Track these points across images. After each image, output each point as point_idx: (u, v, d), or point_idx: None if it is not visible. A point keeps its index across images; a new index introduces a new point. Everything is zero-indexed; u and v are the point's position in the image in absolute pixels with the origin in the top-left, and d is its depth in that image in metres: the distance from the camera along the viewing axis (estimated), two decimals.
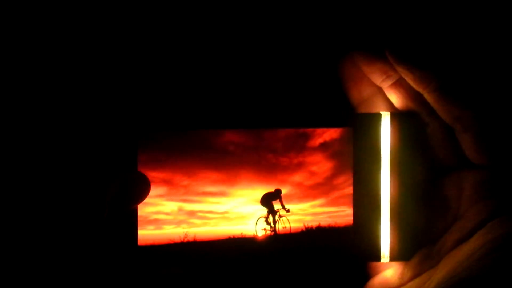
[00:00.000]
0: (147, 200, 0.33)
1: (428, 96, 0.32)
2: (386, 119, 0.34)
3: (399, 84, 0.33)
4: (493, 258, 0.28)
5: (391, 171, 0.34)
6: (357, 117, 0.34)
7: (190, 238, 0.34)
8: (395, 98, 0.33)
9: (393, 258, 0.34)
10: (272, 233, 0.34)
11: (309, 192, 0.34)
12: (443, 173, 0.33)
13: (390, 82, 0.33)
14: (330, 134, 0.34)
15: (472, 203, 0.32)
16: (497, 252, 0.28)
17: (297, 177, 0.34)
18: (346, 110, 0.35)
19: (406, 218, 0.34)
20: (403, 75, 0.32)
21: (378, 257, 0.34)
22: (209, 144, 0.33)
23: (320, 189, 0.34)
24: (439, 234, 0.33)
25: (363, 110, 0.35)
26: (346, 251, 0.34)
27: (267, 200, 0.34)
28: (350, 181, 0.34)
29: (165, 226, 0.33)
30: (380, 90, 0.34)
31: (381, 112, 0.34)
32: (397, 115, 0.34)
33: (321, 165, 0.34)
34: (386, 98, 0.34)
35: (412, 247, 0.34)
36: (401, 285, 0.33)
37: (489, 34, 0.35)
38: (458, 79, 0.31)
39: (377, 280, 0.35)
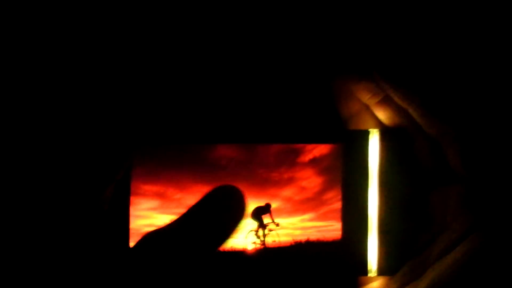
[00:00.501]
0: (139, 213, 0.33)
1: (413, 112, 0.33)
2: (374, 135, 0.35)
3: (385, 101, 0.34)
4: (470, 271, 0.29)
5: (379, 186, 0.35)
6: (346, 134, 0.35)
7: None
8: (382, 115, 0.35)
9: (380, 272, 0.35)
10: (262, 246, 0.35)
11: (298, 206, 0.35)
12: (429, 187, 0.34)
13: (376, 100, 0.34)
14: (320, 150, 0.34)
15: (456, 215, 0.33)
16: (475, 265, 0.29)
17: (287, 191, 0.34)
18: (336, 127, 0.36)
19: (393, 233, 0.34)
20: (388, 93, 0.33)
21: (365, 271, 0.35)
22: (202, 158, 0.34)
23: (310, 203, 0.35)
24: (424, 246, 0.34)
25: (353, 126, 0.36)
26: (334, 265, 0.35)
27: (257, 214, 0.35)
28: (339, 196, 0.35)
29: None
30: (369, 107, 0.35)
31: (369, 130, 0.35)
32: (386, 132, 0.35)
33: (310, 180, 0.35)
34: (374, 115, 0.35)
35: (399, 261, 0.34)
36: None
37: (469, 53, 0.37)
38: (441, 96, 0.32)
39: None
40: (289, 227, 0.35)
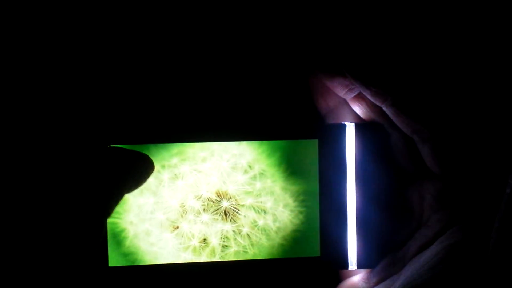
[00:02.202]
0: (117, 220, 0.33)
1: (386, 110, 0.32)
2: (350, 129, 0.34)
3: (361, 97, 0.34)
4: (443, 267, 0.29)
5: (356, 180, 0.34)
6: (322, 128, 0.34)
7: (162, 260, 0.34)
8: (359, 110, 0.34)
9: (360, 265, 0.35)
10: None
11: None
12: (406, 182, 0.34)
13: (352, 95, 0.34)
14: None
15: (433, 211, 0.33)
16: (447, 261, 0.29)
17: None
18: (312, 122, 0.36)
19: (372, 226, 0.34)
20: (361, 91, 0.33)
21: (345, 265, 0.35)
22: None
23: None
24: (403, 241, 0.34)
25: (330, 121, 0.36)
26: (313, 260, 0.35)
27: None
28: None
29: None
30: (345, 101, 0.35)
31: (345, 123, 0.34)
32: (361, 126, 0.34)
33: None
34: (350, 109, 0.35)
35: (378, 254, 0.34)
36: None
37: (439, 52, 0.36)
38: (413, 95, 0.32)
39: (344, 285, 0.35)
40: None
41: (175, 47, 0.36)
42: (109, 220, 0.33)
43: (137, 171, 0.31)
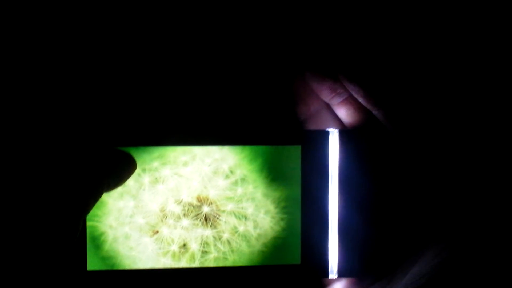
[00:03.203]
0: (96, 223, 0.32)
1: (377, 113, 0.32)
2: (334, 136, 0.34)
3: (349, 101, 0.34)
4: (432, 272, 0.29)
5: (339, 187, 0.34)
6: (305, 134, 0.34)
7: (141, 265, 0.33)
8: (344, 115, 0.34)
9: (341, 274, 0.34)
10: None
11: None
12: (391, 186, 0.34)
13: (339, 99, 0.34)
14: None
15: (418, 220, 0.33)
16: (444, 270, 0.29)
17: None
18: (295, 128, 0.35)
19: (354, 234, 0.34)
20: (353, 93, 0.33)
21: (326, 273, 0.34)
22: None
23: None
24: (392, 245, 0.33)
25: (311, 126, 0.35)
26: (294, 267, 0.34)
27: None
28: None
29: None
30: (328, 107, 0.34)
31: (329, 130, 0.34)
32: (345, 132, 0.34)
33: None
34: (333, 115, 0.35)
35: (360, 263, 0.34)
36: None
37: (432, 59, 0.37)
38: (408, 101, 0.32)
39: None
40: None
41: (157, 52, 0.36)
42: (88, 223, 0.33)
43: (118, 169, 0.31)
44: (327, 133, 0.34)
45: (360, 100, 0.33)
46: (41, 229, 0.27)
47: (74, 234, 0.28)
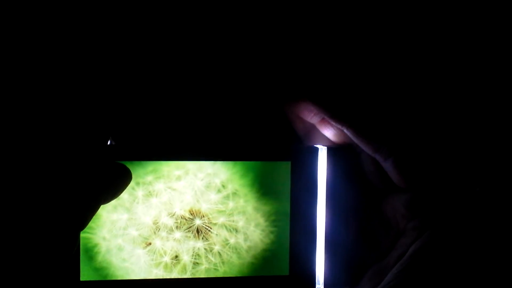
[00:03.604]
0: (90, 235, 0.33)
1: (347, 132, 0.34)
2: (323, 152, 0.35)
3: (327, 121, 0.35)
4: (412, 266, 0.32)
5: (327, 202, 0.35)
6: (295, 151, 0.35)
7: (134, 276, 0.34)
8: (327, 133, 0.36)
9: (327, 285, 0.36)
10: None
11: None
12: (378, 198, 0.36)
13: (318, 119, 0.35)
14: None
15: (407, 220, 0.34)
16: (416, 260, 0.32)
17: None
18: (285, 144, 0.37)
19: (341, 247, 0.35)
20: (324, 116, 0.35)
21: (313, 284, 0.36)
22: None
23: None
24: (385, 251, 0.35)
25: (308, 142, 0.37)
26: (282, 278, 0.35)
27: None
28: None
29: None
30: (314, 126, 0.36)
31: (318, 146, 0.35)
32: (333, 149, 0.35)
33: None
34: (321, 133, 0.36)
35: (346, 275, 0.35)
36: None
37: (391, 69, 0.39)
38: (368, 115, 0.34)
39: None
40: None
41: (152, 68, 0.37)
42: (82, 235, 0.33)
43: (115, 182, 0.32)
44: (316, 149, 0.35)
45: (328, 119, 0.35)
46: (40, 242, 0.27)
47: (72, 248, 0.29)
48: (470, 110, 0.38)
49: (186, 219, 0.34)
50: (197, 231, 0.34)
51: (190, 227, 0.34)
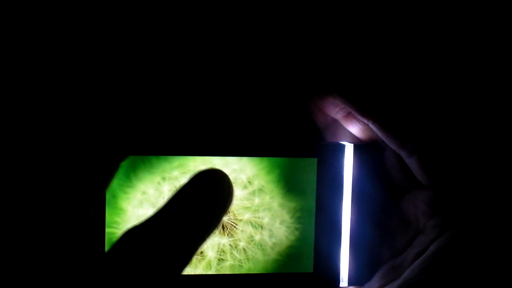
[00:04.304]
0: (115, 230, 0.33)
1: (373, 127, 0.34)
2: (349, 149, 0.35)
3: (352, 116, 0.35)
4: (434, 266, 0.31)
5: (352, 199, 0.35)
6: (321, 147, 0.35)
7: None
8: (352, 128, 0.35)
9: (351, 282, 0.36)
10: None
11: None
12: (401, 193, 0.36)
13: (343, 114, 0.35)
14: None
15: (428, 217, 0.34)
16: (438, 260, 0.31)
17: None
18: (312, 141, 0.36)
19: (365, 245, 0.35)
20: (349, 109, 0.34)
21: (337, 282, 0.36)
22: None
23: None
24: (402, 249, 0.35)
25: (328, 137, 0.37)
26: (306, 275, 0.35)
27: None
28: None
29: None
30: (339, 121, 0.36)
31: (344, 143, 0.35)
32: (359, 146, 0.35)
33: None
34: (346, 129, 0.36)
35: (370, 272, 0.35)
36: None
37: (419, 64, 0.38)
38: (394, 110, 0.34)
39: None
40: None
41: (179, 59, 0.37)
42: (107, 230, 0.33)
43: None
44: (343, 146, 0.35)
45: (355, 114, 0.34)
46: (63, 196, 0.26)
47: (97, 200, 0.27)
48: (500, 108, 0.38)
49: None
50: (223, 227, 0.34)
51: None
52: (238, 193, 0.34)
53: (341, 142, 0.36)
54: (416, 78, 0.38)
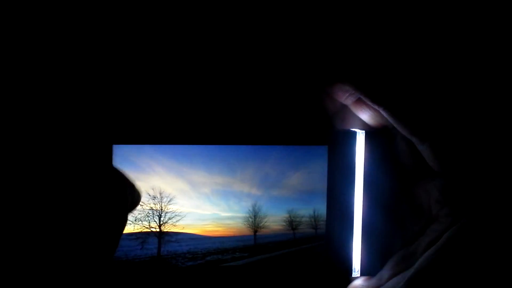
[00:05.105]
0: None
1: (384, 113, 0.33)
2: (360, 136, 0.34)
3: (362, 101, 0.34)
4: (444, 254, 0.31)
5: (364, 187, 0.35)
6: (332, 135, 0.34)
7: None
8: (361, 114, 0.35)
9: (363, 272, 0.35)
10: None
11: None
12: (413, 181, 0.35)
13: (353, 99, 0.34)
14: None
15: (441, 206, 0.33)
16: (448, 249, 0.31)
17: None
18: (322, 128, 0.36)
19: (377, 235, 0.35)
20: (359, 95, 0.34)
21: (349, 271, 0.35)
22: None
23: None
24: (414, 237, 0.34)
25: (338, 122, 0.36)
26: (319, 265, 0.35)
27: None
28: None
29: None
30: (348, 107, 0.35)
31: (356, 130, 0.35)
32: (371, 133, 0.34)
33: None
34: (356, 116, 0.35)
35: (381, 262, 0.35)
36: (379, 285, 0.35)
37: (430, 53, 0.37)
38: (406, 97, 0.33)
39: (358, 281, 0.36)
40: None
41: (182, 51, 0.36)
42: None
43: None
44: (354, 133, 0.34)
45: (367, 101, 0.34)
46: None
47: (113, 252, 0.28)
48: None
49: None
50: None
51: None
52: None
53: (352, 129, 0.35)
54: (429, 65, 0.37)
